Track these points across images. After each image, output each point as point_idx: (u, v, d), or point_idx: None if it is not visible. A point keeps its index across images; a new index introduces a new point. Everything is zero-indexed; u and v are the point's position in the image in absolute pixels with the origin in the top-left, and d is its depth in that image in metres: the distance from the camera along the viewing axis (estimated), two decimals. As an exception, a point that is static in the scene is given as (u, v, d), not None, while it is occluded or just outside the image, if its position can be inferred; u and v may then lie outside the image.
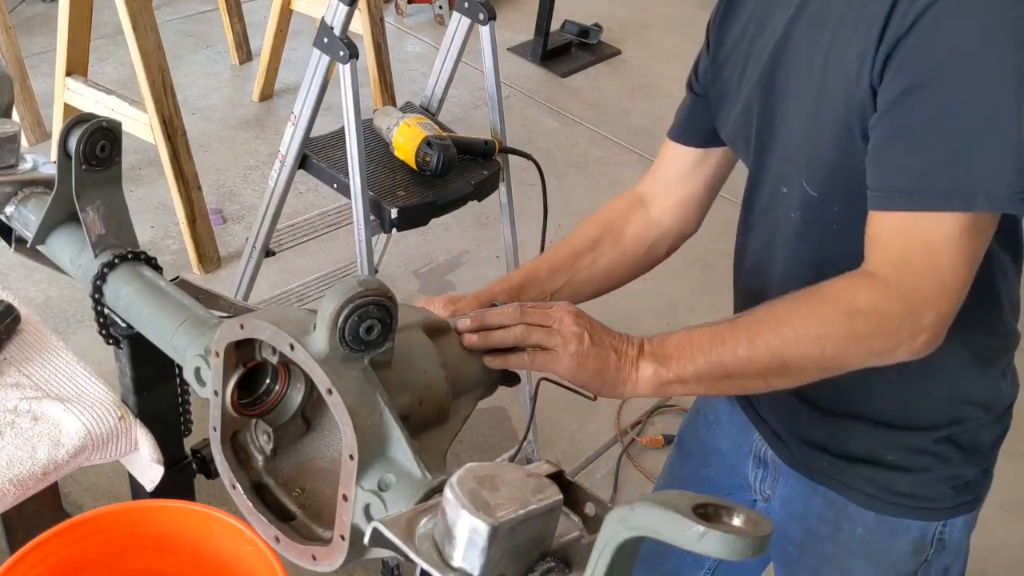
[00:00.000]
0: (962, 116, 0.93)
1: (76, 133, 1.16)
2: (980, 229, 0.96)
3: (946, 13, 0.93)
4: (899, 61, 0.95)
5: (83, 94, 2.78)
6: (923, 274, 0.96)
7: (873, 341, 0.98)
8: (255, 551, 1.24)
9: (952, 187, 0.94)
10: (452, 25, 2.16)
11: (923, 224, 0.96)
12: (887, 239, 0.99)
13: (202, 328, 1.07)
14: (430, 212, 2.02)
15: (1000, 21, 0.93)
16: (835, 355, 0.99)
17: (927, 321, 0.96)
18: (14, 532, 1.48)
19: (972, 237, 0.96)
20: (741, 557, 0.60)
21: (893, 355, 0.99)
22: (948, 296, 0.97)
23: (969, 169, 0.93)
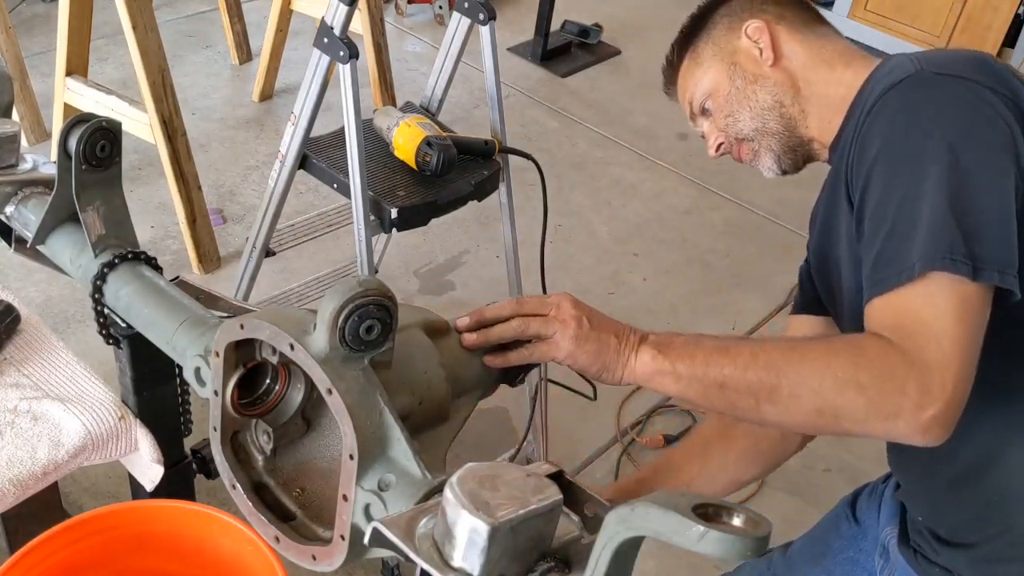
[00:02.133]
0: (894, 206, 1.01)
1: (76, 133, 1.16)
2: (961, 297, 0.96)
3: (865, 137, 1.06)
4: (856, 197, 1.07)
5: (83, 94, 2.78)
6: (920, 336, 0.96)
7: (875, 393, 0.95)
8: (255, 551, 1.24)
9: (908, 261, 0.98)
10: (452, 25, 2.16)
11: (904, 298, 0.98)
12: (879, 316, 1.00)
13: (202, 328, 1.07)
14: (430, 212, 2.02)
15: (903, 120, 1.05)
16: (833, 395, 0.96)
17: (935, 391, 0.93)
18: (14, 532, 1.48)
19: (957, 305, 0.96)
20: (741, 557, 0.60)
21: (894, 420, 0.95)
22: (950, 366, 0.94)
23: (911, 245, 0.98)
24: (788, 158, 1.27)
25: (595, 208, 3.30)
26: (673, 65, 1.38)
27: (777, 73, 1.24)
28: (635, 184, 3.45)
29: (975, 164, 1.01)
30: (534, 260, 2.14)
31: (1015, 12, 4.11)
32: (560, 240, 3.07)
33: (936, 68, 1.07)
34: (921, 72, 1.07)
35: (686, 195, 3.39)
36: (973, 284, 0.96)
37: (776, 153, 1.27)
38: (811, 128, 1.24)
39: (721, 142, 1.31)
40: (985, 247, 0.97)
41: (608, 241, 3.16)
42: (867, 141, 1.06)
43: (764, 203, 3.37)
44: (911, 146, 1.03)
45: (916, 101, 1.06)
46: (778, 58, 1.24)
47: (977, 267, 0.96)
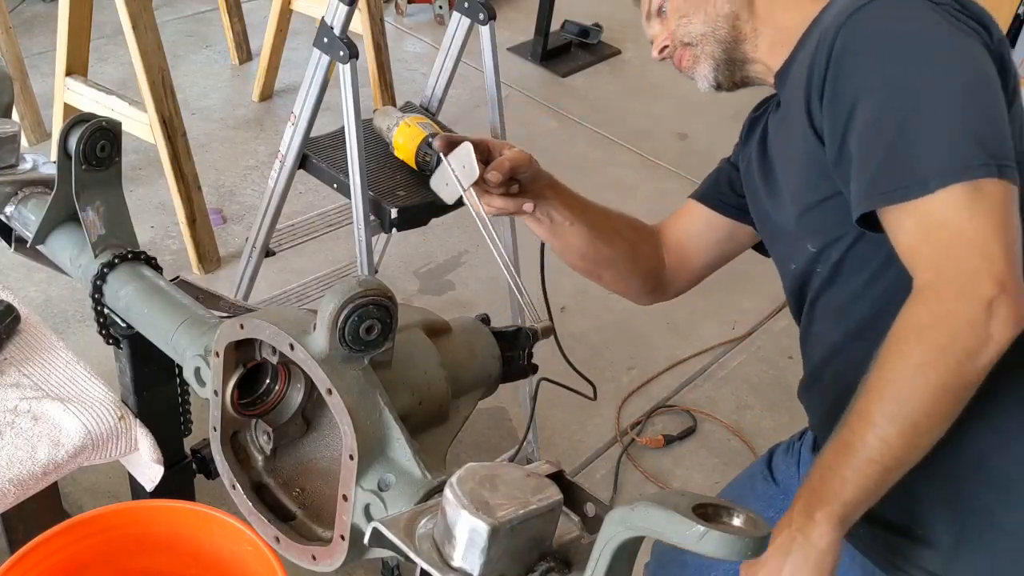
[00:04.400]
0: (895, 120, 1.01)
1: (76, 133, 1.16)
2: (985, 193, 0.96)
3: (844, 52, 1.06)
4: (828, 97, 1.08)
5: (83, 94, 2.78)
6: (956, 254, 0.95)
7: (957, 342, 0.94)
8: (255, 551, 1.24)
9: (925, 172, 0.97)
10: (452, 25, 2.16)
11: (929, 209, 0.97)
12: (911, 243, 0.99)
13: (202, 328, 1.07)
14: (430, 212, 2.02)
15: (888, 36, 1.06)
16: (941, 378, 0.94)
17: (989, 289, 0.93)
18: (14, 532, 1.48)
19: (983, 201, 0.95)
20: (741, 557, 0.60)
21: (995, 339, 0.93)
22: (995, 257, 0.94)
23: (923, 156, 0.98)
24: (726, 69, 1.30)
25: (595, 208, 3.30)
26: None
27: None
28: (635, 184, 3.45)
29: (963, 75, 1.03)
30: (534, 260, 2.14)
31: (1015, 12, 4.10)
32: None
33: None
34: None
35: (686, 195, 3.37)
36: (994, 181, 0.96)
37: (716, 61, 1.29)
38: (760, 49, 1.27)
39: (666, 45, 1.35)
40: (998, 146, 0.98)
41: (608, 241, 3.16)
42: (848, 58, 1.06)
43: (764, 203, 3.37)
44: (898, 62, 1.04)
45: (892, 21, 1.07)
46: None
47: (1001, 164, 0.96)
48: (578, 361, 1.52)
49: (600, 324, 2.82)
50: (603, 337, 2.78)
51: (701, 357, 2.78)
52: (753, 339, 2.87)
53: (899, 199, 0.98)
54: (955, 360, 0.94)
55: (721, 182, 1.43)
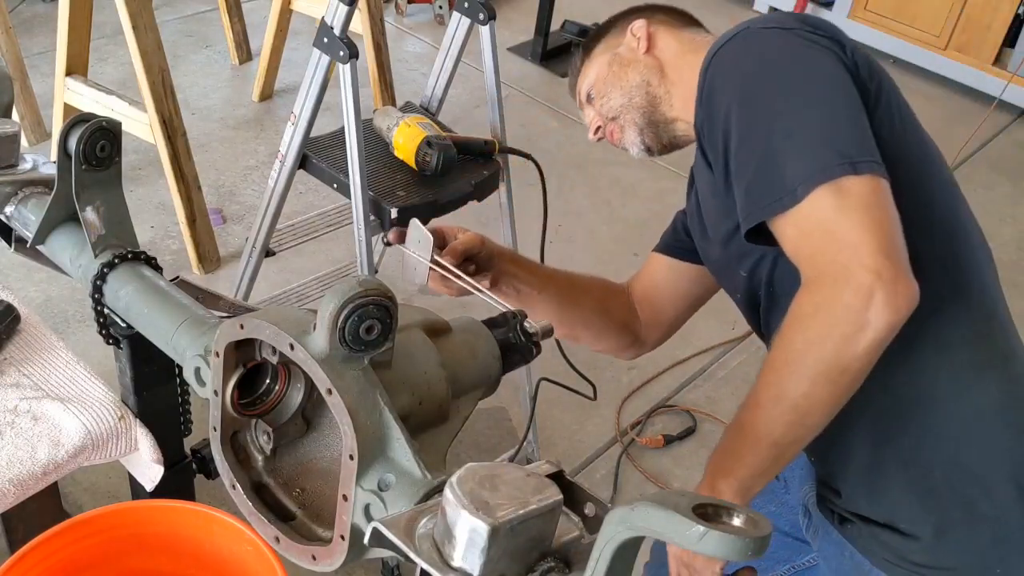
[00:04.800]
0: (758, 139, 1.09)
1: (76, 133, 1.16)
2: (848, 190, 1.01)
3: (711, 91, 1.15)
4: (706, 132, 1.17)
5: (83, 94, 2.78)
6: (830, 248, 1.01)
7: (835, 329, 0.99)
8: (255, 551, 1.24)
9: (790, 183, 1.04)
10: (452, 25, 2.16)
11: (803, 214, 1.03)
12: (794, 247, 1.06)
13: (202, 328, 1.07)
14: (430, 212, 2.02)
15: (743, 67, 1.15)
16: (819, 363, 1.00)
17: (863, 277, 0.97)
18: (14, 532, 1.48)
19: (848, 198, 1.01)
20: (741, 557, 0.60)
21: (873, 325, 0.98)
22: (866, 247, 0.99)
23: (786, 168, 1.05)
24: (651, 132, 1.39)
25: (595, 208, 3.30)
26: (576, 68, 1.52)
27: (648, 59, 1.39)
28: (635, 184, 3.45)
29: (814, 84, 1.10)
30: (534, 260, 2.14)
31: (1015, 12, 4.11)
32: (560, 240, 3.07)
33: (758, 24, 1.18)
34: (748, 29, 1.18)
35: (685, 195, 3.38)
36: (856, 178, 1.01)
37: (639, 126, 1.39)
38: (675, 108, 1.36)
39: (599, 125, 1.45)
40: (852, 145, 1.04)
41: (608, 241, 3.15)
42: (713, 95, 1.15)
43: (764, 203, 3.37)
44: (755, 87, 1.12)
45: (747, 51, 1.16)
46: (651, 47, 1.39)
47: (854, 161, 1.02)
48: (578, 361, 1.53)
49: (600, 324, 2.82)
50: (603, 337, 2.78)
51: (701, 357, 2.78)
52: (753, 339, 2.87)
53: (776, 211, 1.05)
54: (832, 345, 1.00)
55: (678, 231, 1.48)
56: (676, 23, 1.44)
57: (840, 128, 1.06)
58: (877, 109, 1.13)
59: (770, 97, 1.11)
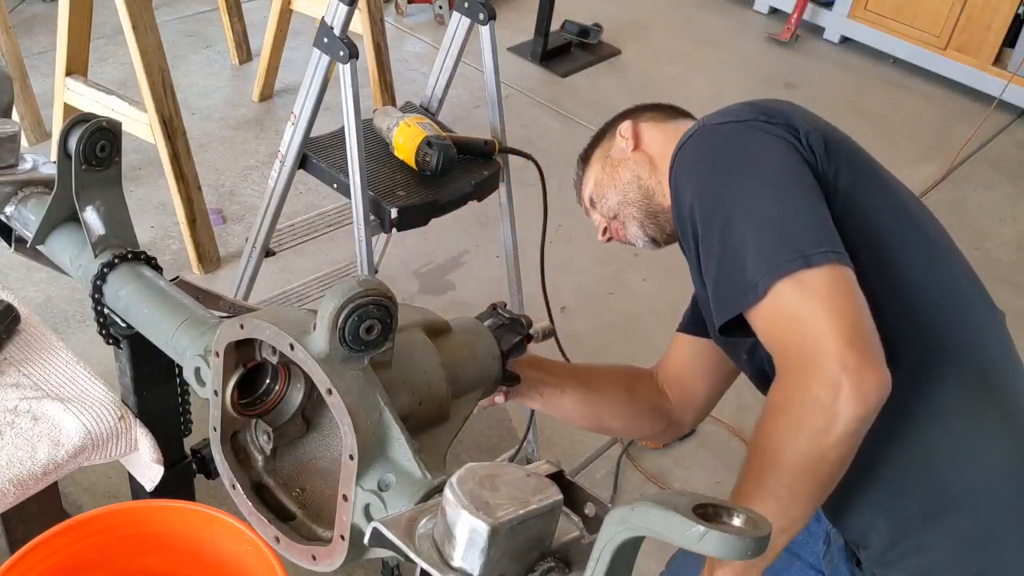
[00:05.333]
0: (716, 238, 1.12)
1: (76, 133, 1.16)
2: (808, 283, 1.02)
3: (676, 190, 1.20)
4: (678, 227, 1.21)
5: (83, 94, 2.78)
6: (795, 341, 1.02)
7: (804, 421, 1.00)
8: (255, 551, 1.24)
9: (749, 281, 1.06)
10: (452, 25, 2.16)
11: (768, 308, 1.04)
12: (766, 340, 1.07)
13: (202, 328, 1.07)
14: (430, 212, 2.02)
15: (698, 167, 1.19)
16: (795, 454, 1.01)
17: (829, 367, 0.98)
18: (14, 532, 1.48)
19: (807, 290, 1.02)
20: (741, 557, 0.60)
21: (843, 416, 0.98)
22: (829, 337, 0.99)
23: (744, 266, 1.07)
24: (651, 223, 1.42)
25: (595, 208, 3.30)
26: (579, 177, 1.58)
27: (637, 155, 1.43)
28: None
29: (769, 177, 1.12)
30: (534, 260, 2.14)
31: (1015, 12, 4.11)
32: (560, 240, 3.07)
33: (714, 120, 1.22)
34: (703, 127, 1.22)
35: (686, 195, 3.39)
36: (813, 270, 1.02)
37: (639, 220, 1.43)
38: (668, 196, 1.36)
39: (605, 226, 1.50)
40: (807, 238, 1.05)
41: (608, 241, 3.16)
42: (678, 194, 1.20)
43: (764, 203, 3.37)
44: (712, 183, 1.15)
45: (704, 148, 1.20)
46: (638, 144, 1.44)
47: (807, 255, 1.03)
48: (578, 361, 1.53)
49: (600, 324, 2.82)
50: (603, 337, 2.78)
51: (701, 357, 2.78)
52: (753, 339, 2.87)
53: (742, 306, 1.07)
54: (805, 438, 1.00)
55: (696, 310, 1.48)
56: (662, 117, 1.48)
57: (793, 221, 1.07)
58: (838, 193, 1.14)
59: (726, 193, 1.13)
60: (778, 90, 4.17)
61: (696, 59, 4.33)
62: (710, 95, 4.07)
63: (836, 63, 4.49)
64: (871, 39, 4.50)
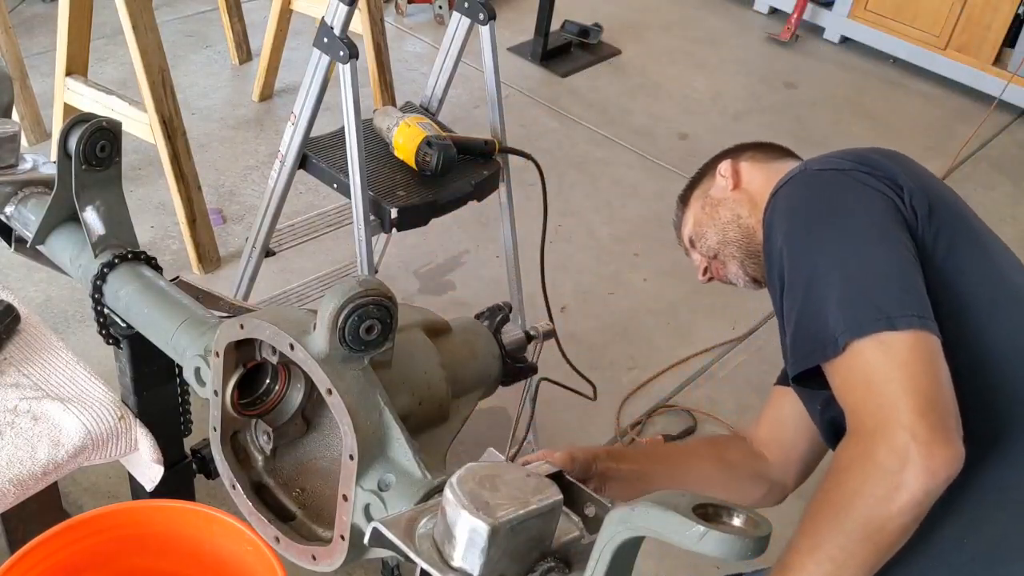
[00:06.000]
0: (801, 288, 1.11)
1: (76, 133, 1.16)
2: (890, 346, 1.01)
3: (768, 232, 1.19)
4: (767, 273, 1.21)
5: (83, 94, 2.78)
6: (869, 404, 1.01)
7: (867, 487, 0.98)
8: (255, 551, 1.24)
9: (829, 335, 1.05)
10: (452, 25, 2.16)
11: (845, 365, 1.03)
12: (839, 396, 1.06)
13: (202, 328, 1.07)
14: (430, 212, 2.02)
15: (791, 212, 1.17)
16: (853, 520, 0.98)
17: (900, 436, 0.96)
18: (14, 532, 1.48)
19: (889, 354, 1.01)
20: (741, 557, 0.60)
21: (908, 487, 0.96)
22: (904, 406, 0.97)
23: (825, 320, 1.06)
24: (752, 263, 1.41)
25: (595, 208, 3.30)
26: (678, 217, 1.58)
27: (737, 194, 1.42)
28: (635, 184, 3.45)
29: (863, 232, 1.11)
30: (534, 260, 2.14)
31: (1015, 12, 4.11)
32: (560, 240, 3.07)
33: (815, 165, 1.21)
34: (804, 171, 1.20)
35: (686, 195, 3.39)
36: (895, 334, 1.01)
37: (739, 259, 1.42)
38: None
39: (705, 266, 1.50)
40: (894, 300, 1.03)
41: (608, 241, 3.15)
42: (770, 236, 1.19)
43: (764, 203, 3.37)
44: (804, 231, 1.14)
45: (801, 193, 1.18)
46: (737, 183, 1.43)
47: (892, 317, 1.02)
48: (578, 361, 1.53)
49: (600, 324, 2.82)
50: (603, 337, 2.78)
51: (701, 357, 2.78)
52: (754, 339, 2.87)
53: (819, 359, 1.06)
54: (866, 504, 0.98)
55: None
56: (763, 157, 1.46)
57: (882, 281, 1.06)
58: (934, 258, 1.12)
59: (816, 242, 1.12)
60: (778, 90, 4.17)
61: (696, 59, 4.33)
62: (710, 95, 4.07)
63: (836, 63, 4.49)
64: (871, 39, 4.49)
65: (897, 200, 1.14)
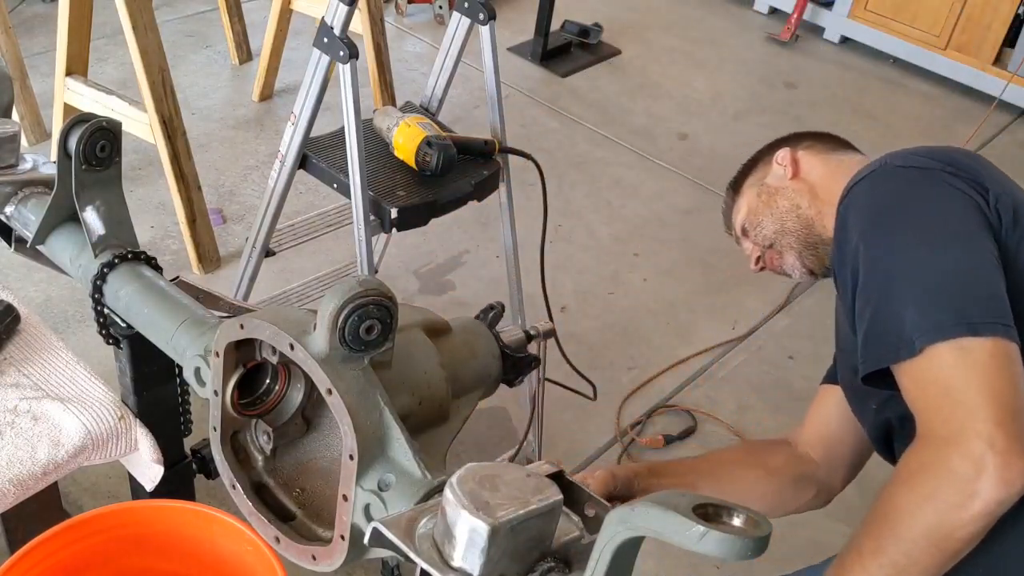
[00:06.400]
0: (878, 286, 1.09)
1: (76, 133, 1.16)
2: (970, 351, 0.99)
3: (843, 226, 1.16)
4: (837, 268, 1.18)
5: (83, 94, 2.78)
6: (945, 409, 0.99)
7: (940, 492, 0.96)
8: (255, 551, 1.24)
9: (905, 337, 1.03)
10: (452, 25, 2.16)
11: (920, 367, 1.01)
12: (911, 398, 1.04)
13: (202, 328, 1.07)
14: (430, 212, 2.02)
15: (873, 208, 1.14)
16: (922, 525, 0.97)
17: (976, 444, 0.95)
18: (14, 532, 1.48)
19: (968, 359, 0.99)
20: (741, 557, 0.60)
21: (981, 496, 0.95)
22: (982, 414, 0.96)
23: (903, 321, 1.04)
24: (810, 254, 1.38)
25: (595, 208, 3.30)
26: (728, 205, 1.55)
27: (796, 183, 1.39)
28: (635, 184, 3.45)
29: (945, 234, 1.08)
30: (534, 260, 2.14)
31: (1015, 12, 4.10)
32: (560, 240, 3.07)
33: (896, 162, 1.17)
34: (885, 166, 1.17)
35: (686, 195, 3.39)
36: (976, 339, 0.99)
37: (796, 250, 1.39)
38: (828, 228, 1.33)
39: (758, 255, 1.46)
40: (976, 305, 1.02)
41: (608, 241, 3.15)
42: (845, 231, 1.15)
43: (764, 203, 3.37)
44: (883, 229, 1.12)
45: (882, 190, 1.15)
46: (796, 172, 1.40)
47: (973, 323, 1.00)
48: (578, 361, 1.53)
49: (600, 324, 2.82)
50: (603, 337, 2.78)
51: (701, 357, 2.78)
52: (754, 339, 2.87)
53: (893, 360, 1.04)
54: (936, 510, 0.96)
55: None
56: (822, 147, 1.43)
57: (965, 285, 1.04)
58: (1016, 263, 1.09)
59: (897, 242, 1.09)
60: (778, 90, 4.17)
61: (696, 59, 4.33)
62: (710, 95, 4.07)
63: (836, 63, 4.49)
64: (871, 39, 4.49)
65: (982, 203, 1.11)
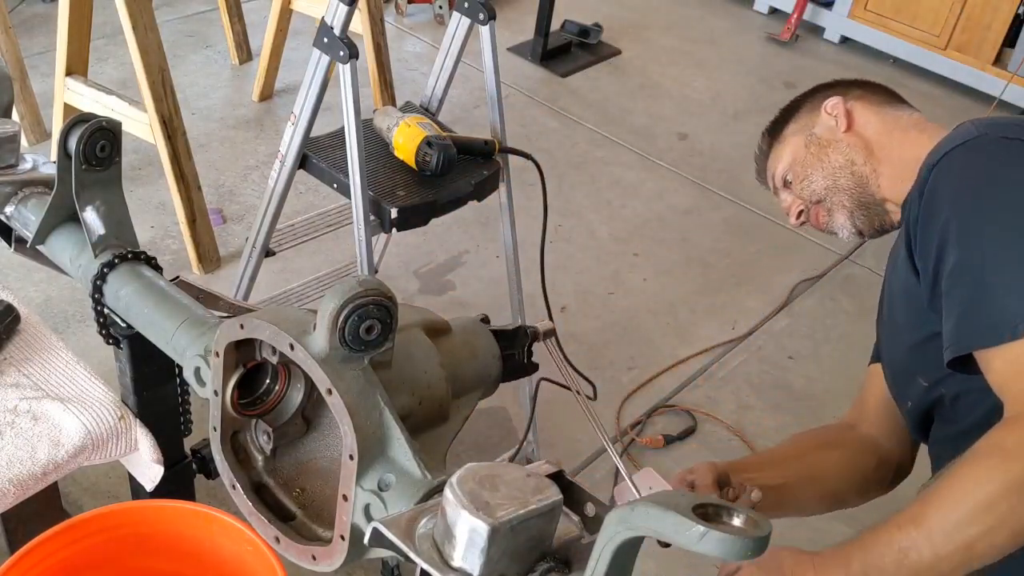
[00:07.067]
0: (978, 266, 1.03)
1: (76, 133, 1.16)
2: None
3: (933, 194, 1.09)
4: (920, 237, 1.11)
5: (83, 94, 2.78)
6: None
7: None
8: (255, 551, 1.24)
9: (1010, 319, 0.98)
10: (452, 25, 2.16)
11: (1017, 351, 0.98)
12: (1001, 382, 1.00)
13: (202, 328, 1.07)
14: (430, 212, 2.02)
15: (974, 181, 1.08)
16: (1009, 505, 0.92)
17: None
18: (14, 532, 1.48)
19: None
20: (741, 557, 0.60)
21: None
22: None
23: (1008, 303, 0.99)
24: (861, 214, 1.32)
25: (595, 208, 3.30)
26: (764, 152, 1.45)
27: (850, 137, 1.32)
28: (635, 184, 3.45)
29: None
30: (534, 260, 2.14)
31: (1015, 12, 4.10)
32: (560, 240, 3.07)
33: (1001, 132, 1.11)
34: (985, 136, 1.10)
35: (686, 195, 3.39)
36: None
37: (848, 209, 1.33)
38: (883, 188, 1.29)
39: (801, 209, 1.39)
40: None
41: (608, 241, 3.15)
42: (934, 200, 1.09)
43: (764, 203, 3.37)
44: (983, 205, 1.05)
45: (984, 163, 1.09)
46: (851, 124, 1.33)
47: None
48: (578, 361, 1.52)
49: (600, 324, 2.82)
50: (603, 337, 2.78)
51: (701, 357, 2.78)
52: (754, 339, 2.87)
53: (988, 343, 1.00)
54: (1018, 484, 0.92)
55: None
56: (875, 99, 1.36)
57: None
58: None
59: (997, 221, 1.04)
60: (778, 90, 4.17)
61: (696, 59, 4.33)
62: (710, 95, 4.07)
63: (836, 63, 4.49)
64: (871, 39, 4.49)
65: None
